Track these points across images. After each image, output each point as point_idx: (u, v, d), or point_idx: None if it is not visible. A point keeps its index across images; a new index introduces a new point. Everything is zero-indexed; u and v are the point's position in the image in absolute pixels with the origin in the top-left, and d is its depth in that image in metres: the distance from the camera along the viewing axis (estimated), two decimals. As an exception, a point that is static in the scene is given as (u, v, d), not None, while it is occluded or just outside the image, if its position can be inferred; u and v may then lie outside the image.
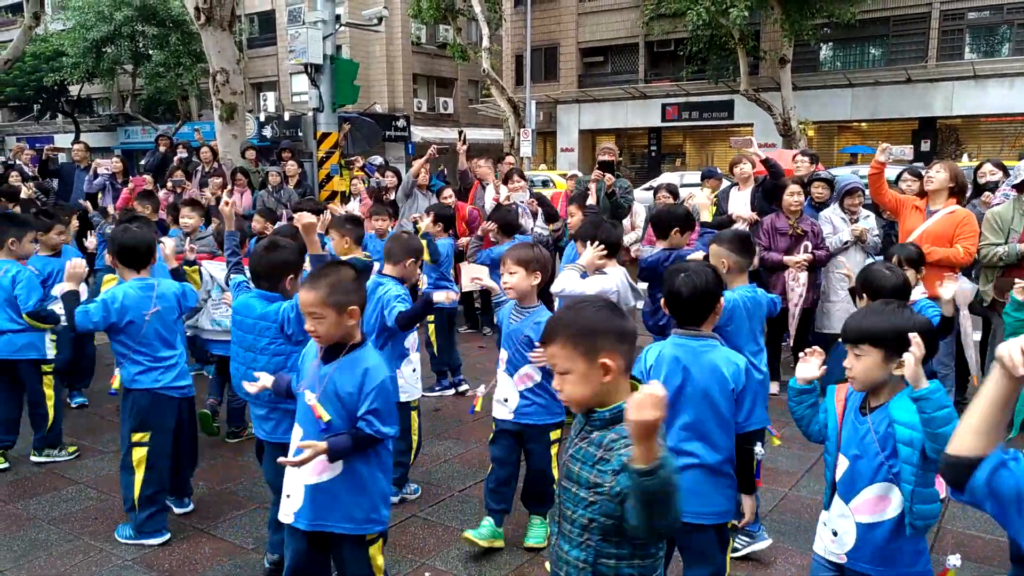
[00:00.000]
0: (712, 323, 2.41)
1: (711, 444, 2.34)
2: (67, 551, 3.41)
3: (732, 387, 2.30)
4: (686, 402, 2.34)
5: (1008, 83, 19.06)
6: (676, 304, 2.38)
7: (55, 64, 26.30)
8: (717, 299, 2.37)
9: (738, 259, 3.19)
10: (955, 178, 4.77)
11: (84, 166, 9.23)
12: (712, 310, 2.37)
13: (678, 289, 2.35)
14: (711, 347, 2.36)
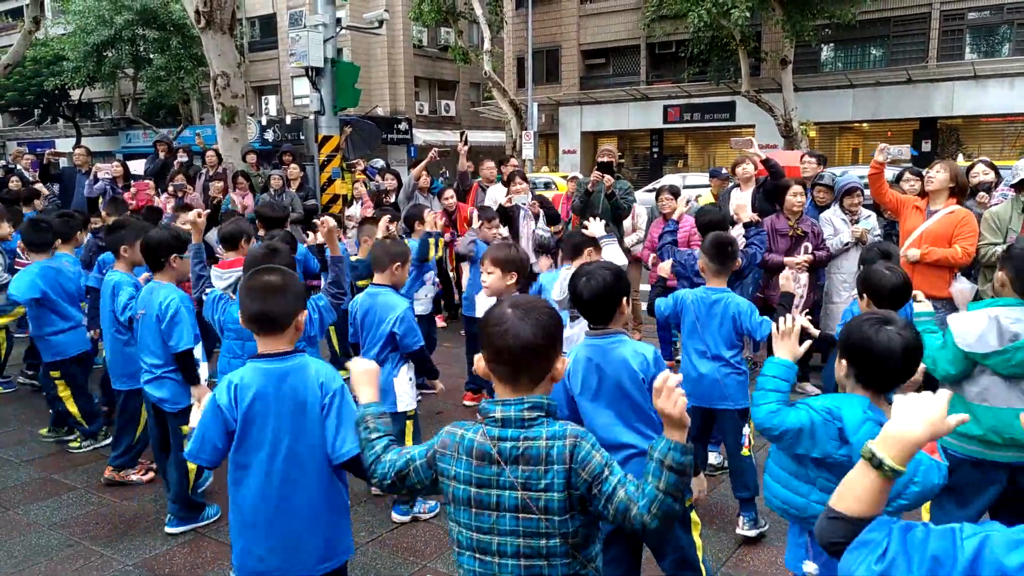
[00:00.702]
0: (619, 321, 2.45)
1: (641, 433, 2.40)
2: (67, 556, 3.41)
3: (641, 377, 2.35)
4: (607, 397, 2.41)
5: (1008, 83, 19.03)
6: (580, 306, 2.43)
7: (56, 68, 26.34)
8: (619, 298, 2.39)
9: (709, 263, 3.41)
10: (955, 178, 4.76)
11: (85, 170, 9.23)
12: (615, 309, 2.40)
13: (580, 291, 2.40)
14: (619, 342, 2.40)
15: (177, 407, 3.60)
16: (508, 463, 1.60)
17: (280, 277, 2.17)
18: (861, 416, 2.03)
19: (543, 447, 1.59)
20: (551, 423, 1.64)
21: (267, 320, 2.13)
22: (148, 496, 4.04)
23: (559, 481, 1.58)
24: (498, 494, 1.61)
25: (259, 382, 2.12)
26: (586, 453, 1.59)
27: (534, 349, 1.62)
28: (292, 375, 2.14)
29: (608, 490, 1.57)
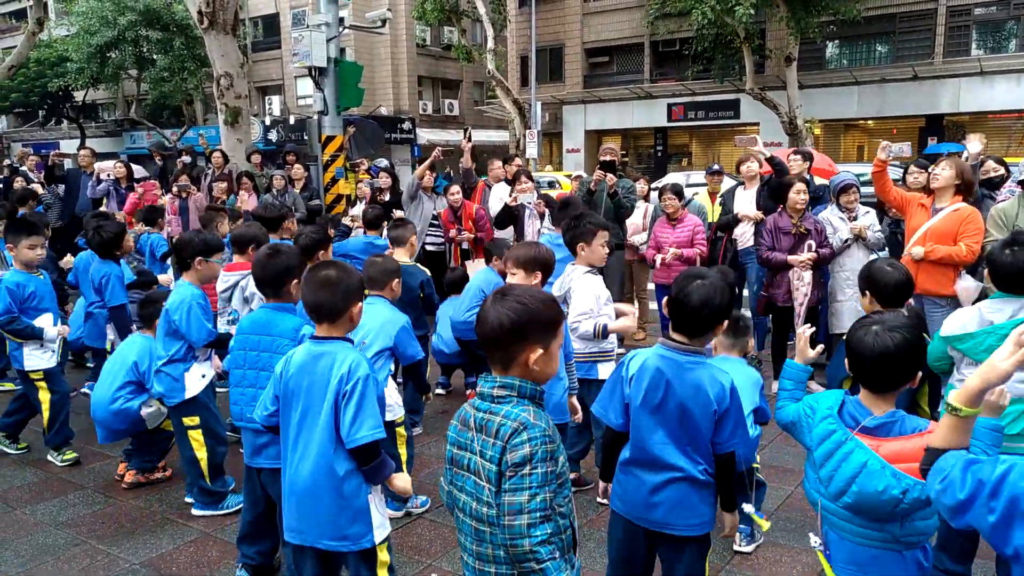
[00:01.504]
0: (707, 341, 2.34)
1: (691, 457, 2.28)
2: (74, 555, 3.42)
3: (715, 408, 2.21)
4: (667, 416, 2.27)
5: (1015, 79, 18.93)
6: (680, 310, 2.24)
7: (59, 70, 26.43)
8: (724, 317, 2.25)
9: (723, 338, 3.14)
10: (961, 175, 4.73)
11: (90, 172, 9.26)
12: (714, 328, 2.27)
13: (687, 295, 2.21)
14: (698, 363, 2.25)
15: (173, 400, 3.68)
16: (476, 431, 1.78)
17: (336, 273, 2.40)
18: (824, 412, 2.11)
19: (496, 423, 1.73)
20: (518, 404, 1.74)
21: (319, 309, 2.37)
22: (154, 495, 4.05)
23: (496, 455, 1.71)
24: (468, 457, 1.79)
25: (302, 359, 2.37)
26: (520, 441, 1.67)
27: (497, 336, 1.74)
28: (326, 357, 2.34)
29: (517, 485, 1.66)
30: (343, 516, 2.33)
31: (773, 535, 3.52)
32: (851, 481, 1.99)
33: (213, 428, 3.76)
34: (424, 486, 4.01)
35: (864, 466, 1.96)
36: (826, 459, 2.08)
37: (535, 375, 1.77)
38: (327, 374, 2.31)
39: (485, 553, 1.77)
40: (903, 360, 2.01)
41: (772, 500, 3.88)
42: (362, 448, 2.27)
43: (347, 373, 2.29)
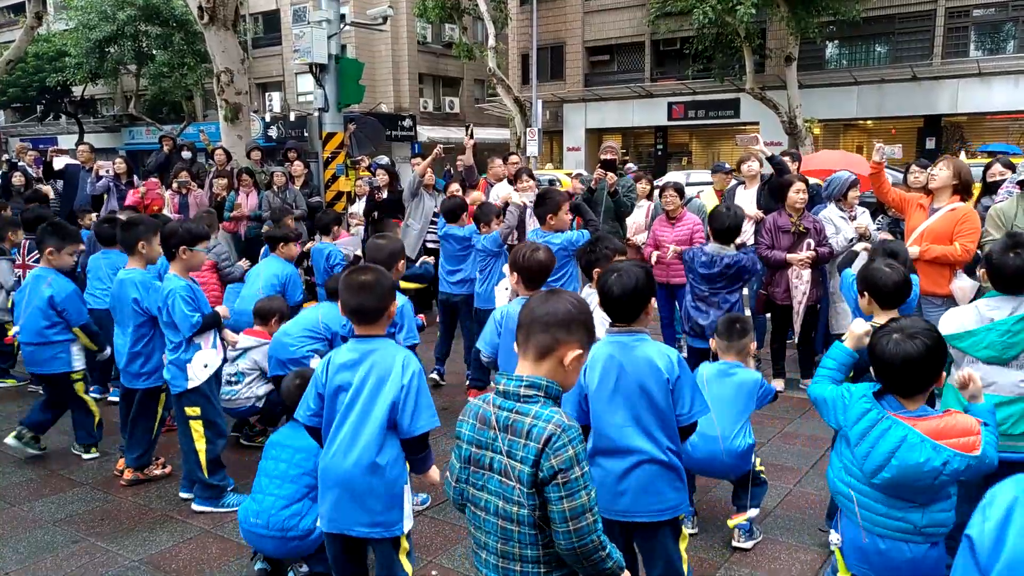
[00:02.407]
0: (644, 322, 2.46)
1: (654, 439, 2.36)
2: (73, 552, 3.42)
3: (667, 378, 2.33)
4: (623, 398, 2.36)
5: (1013, 80, 18.94)
6: (608, 302, 2.43)
7: (58, 64, 26.33)
8: (648, 298, 2.41)
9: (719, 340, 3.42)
10: (958, 175, 4.73)
11: (89, 167, 9.24)
12: (644, 308, 2.41)
13: (610, 287, 2.40)
14: (643, 340, 2.39)
15: (176, 389, 3.73)
16: (500, 430, 1.76)
17: (373, 276, 2.50)
18: (861, 392, 2.28)
19: (527, 423, 1.72)
20: (545, 404, 1.75)
21: (360, 312, 2.47)
22: (153, 492, 4.05)
23: (531, 457, 1.70)
24: (491, 456, 1.79)
25: (347, 358, 2.47)
26: (562, 444, 1.69)
27: (548, 322, 1.78)
28: (373, 355, 2.46)
29: (573, 488, 1.68)
30: (381, 503, 2.43)
31: (772, 532, 3.53)
32: (891, 455, 2.10)
33: (214, 420, 3.77)
34: (424, 484, 4.01)
35: (904, 440, 2.08)
36: (862, 436, 2.19)
37: (563, 376, 1.80)
38: (377, 371, 2.43)
39: (511, 552, 1.78)
40: (927, 364, 2.14)
41: (772, 498, 3.89)
42: (418, 438, 2.44)
43: (401, 369, 2.42)
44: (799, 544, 3.43)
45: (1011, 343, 2.74)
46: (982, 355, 2.77)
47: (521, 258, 3.27)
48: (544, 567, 1.75)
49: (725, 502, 3.72)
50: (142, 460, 4.13)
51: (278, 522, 2.98)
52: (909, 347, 2.12)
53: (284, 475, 3.05)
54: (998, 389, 2.75)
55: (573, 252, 4.57)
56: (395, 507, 2.46)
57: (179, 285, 3.66)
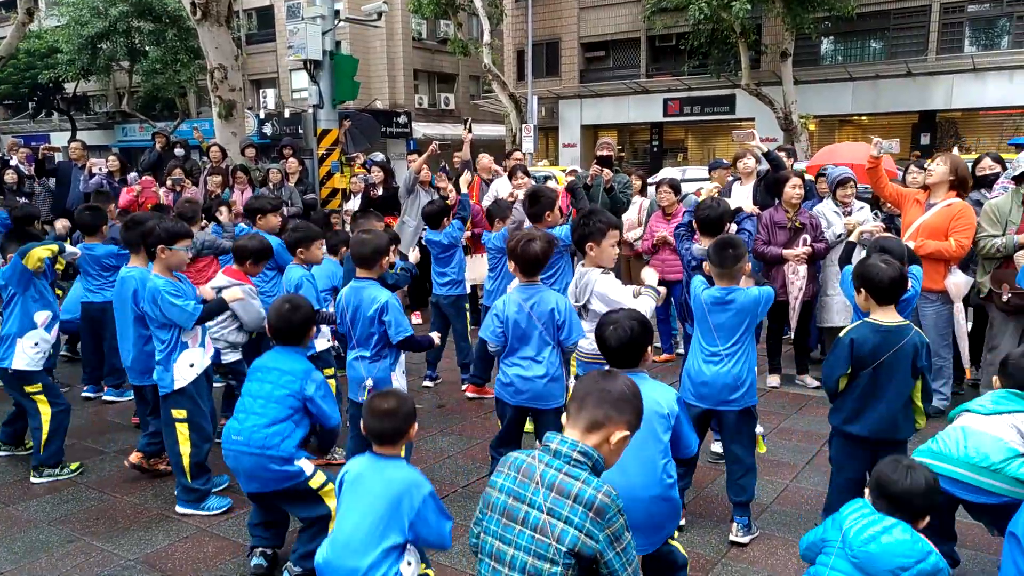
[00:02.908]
0: (645, 365, 2.56)
1: (657, 475, 2.45)
2: (68, 552, 3.40)
3: (667, 413, 2.46)
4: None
5: (1007, 76, 18.97)
6: (605, 352, 2.54)
7: (50, 61, 26.10)
8: (644, 347, 2.52)
9: (712, 266, 3.39)
10: (955, 171, 4.74)
11: (81, 164, 9.18)
12: (641, 356, 2.52)
13: (606, 339, 2.50)
14: (642, 380, 2.46)
15: (163, 390, 3.70)
16: (544, 487, 1.78)
17: (395, 402, 2.45)
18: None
19: (575, 486, 1.76)
20: (592, 475, 1.80)
21: (382, 437, 2.43)
22: (149, 491, 4.03)
23: (579, 521, 1.74)
24: (526, 511, 1.79)
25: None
26: (613, 515, 1.76)
27: (605, 399, 1.86)
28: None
29: (629, 551, 1.79)
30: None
31: (769, 528, 3.53)
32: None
33: (200, 424, 3.73)
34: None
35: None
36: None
37: (606, 453, 1.85)
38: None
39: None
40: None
41: (768, 494, 3.90)
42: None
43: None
44: (796, 539, 3.41)
45: (1000, 402, 2.84)
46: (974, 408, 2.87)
47: (517, 247, 3.29)
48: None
49: (721, 498, 3.72)
50: (152, 448, 4.11)
51: (260, 439, 2.94)
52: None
53: (269, 396, 3.01)
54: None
55: (565, 247, 4.58)
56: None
57: (161, 283, 3.61)
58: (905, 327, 2.99)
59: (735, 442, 3.40)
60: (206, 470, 3.80)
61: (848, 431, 3.10)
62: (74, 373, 6.01)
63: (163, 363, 3.67)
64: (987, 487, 2.68)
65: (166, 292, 3.58)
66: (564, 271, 4.78)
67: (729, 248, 3.30)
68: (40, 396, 4.13)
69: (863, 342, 2.97)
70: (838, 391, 3.10)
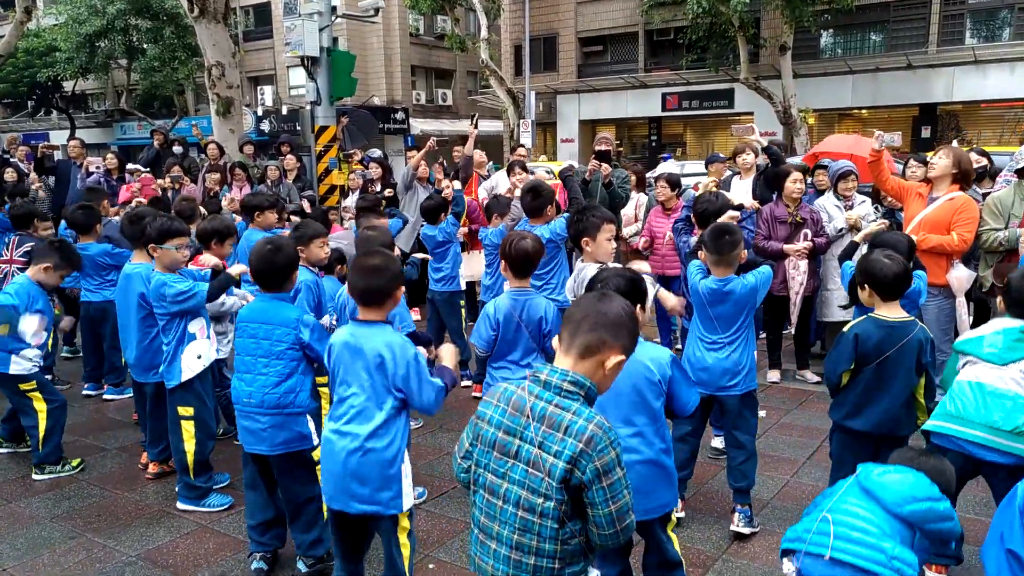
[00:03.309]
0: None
1: (646, 440, 2.41)
2: (70, 548, 3.41)
3: (658, 379, 2.39)
4: (615, 398, 2.38)
5: (1009, 68, 18.92)
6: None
7: (48, 59, 26.07)
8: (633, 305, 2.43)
9: (708, 255, 3.35)
10: (958, 164, 4.73)
11: (80, 163, 9.17)
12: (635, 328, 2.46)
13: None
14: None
15: (170, 383, 3.70)
16: (535, 419, 1.74)
17: (382, 259, 2.57)
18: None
19: (566, 418, 1.71)
20: (585, 405, 1.74)
21: (368, 294, 2.53)
22: (150, 487, 4.04)
23: (568, 453, 1.68)
24: (519, 445, 1.76)
25: (346, 340, 2.55)
26: (604, 447, 1.69)
27: (600, 322, 1.77)
28: (370, 340, 2.51)
29: (617, 489, 1.70)
30: (378, 481, 2.49)
31: (769, 523, 3.53)
32: None
33: (205, 421, 3.75)
34: (421, 477, 4.02)
35: None
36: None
37: (600, 379, 1.79)
38: (373, 353, 2.48)
39: (528, 544, 1.75)
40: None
41: (768, 489, 3.90)
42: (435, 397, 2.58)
43: (395, 356, 2.47)
44: (796, 533, 3.43)
45: (1014, 346, 2.78)
46: (985, 354, 2.81)
47: (509, 247, 3.28)
48: (559, 562, 1.74)
49: (721, 494, 3.73)
50: (166, 453, 4.09)
51: (274, 400, 2.97)
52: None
53: (268, 352, 2.99)
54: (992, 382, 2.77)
55: (562, 240, 4.57)
56: (390, 487, 2.52)
57: (164, 277, 3.62)
58: (910, 323, 2.98)
59: (737, 428, 3.41)
60: (209, 467, 3.81)
61: (850, 426, 3.10)
62: (75, 370, 6.02)
63: (171, 355, 3.67)
64: (1009, 450, 2.70)
65: (170, 280, 3.60)
66: (561, 265, 4.77)
67: (725, 235, 3.27)
68: (35, 393, 4.13)
69: (867, 337, 2.97)
70: (840, 386, 3.10)
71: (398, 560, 2.57)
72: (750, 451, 3.40)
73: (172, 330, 3.67)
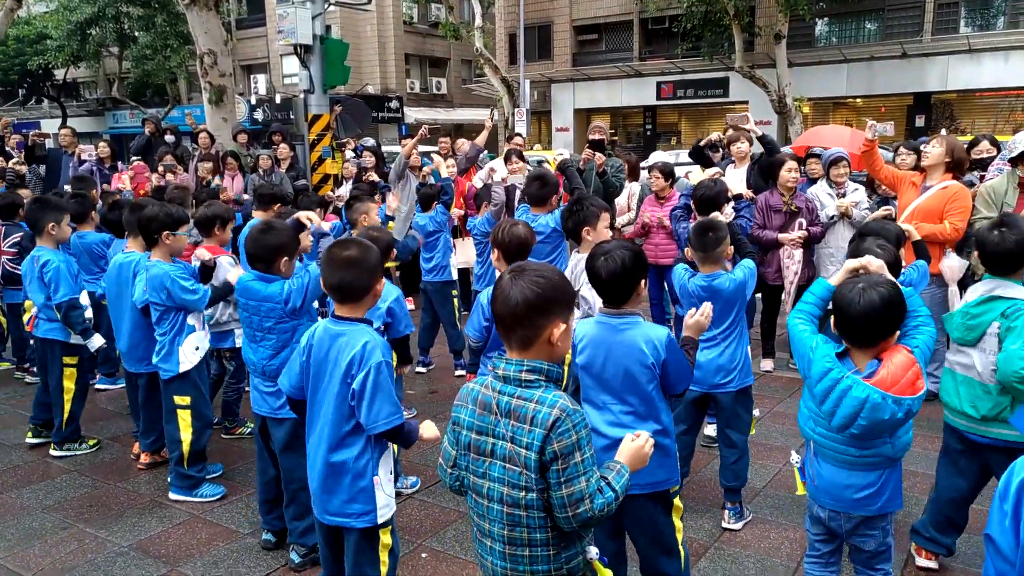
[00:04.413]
0: (636, 303, 2.43)
1: (639, 417, 2.38)
2: (62, 539, 3.40)
3: (651, 362, 2.33)
4: (609, 379, 2.38)
5: (1003, 57, 18.92)
6: (597, 285, 2.39)
7: (39, 47, 25.86)
8: (636, 280, 2.35)
9: (694, 251, 3.32)
10: (951, 152, 4.72)
11: (71, 151, 9.10)
12: (632, 290, 2.35)
13: (597, 270, 2.35)
14: (632, 324, 2.36)
15: (167, 374, 3.70)
16: (503, 415, 1.73)
17: (358, 251, 2.34)
18: (824, 351, 2.30)
19: (531, 409, 1.70)
20: (548, 389, 1.72)
21: (343, 290, 2.33)
22: (142, 478, 4.03)
23: (536, 443, 1.68)
24: (492, 442, 1.76)
25: (321, 338, 2.35)
26: (565, 429, 1.67)
27: (522, 313, 1.71)
28: (342, 339, 2.31)
29: (572, 474, 1.68)
30: (346, 493, 2.34)
31: (761, 511, 3.55)
32: (856, 416, 2.17)
33: (202, 411, 3.75)
34: (415, 466, 4.02)
35: (867, 401, 2.15)
36: (825, 395, 2.25)
37: (556, 352, 1.76)
38: (340, 357, 2.28)
39: (519, 537, 1.75)
40: (886, 314, 2.20)
41: (760, 477, 3.91)
42: (382, 433, 2.29)
43: (359, 359, 2.24)
44: (788, 523, 3.45)
45: (971, 325, 2.77)
46: (954, 336, 2.86)
47: (501, 234, 3.26)
48: (553, 548, 1.75)
49: (714, 483, 3.73)
50: (158, 443, 4.09)
51: (272, 370, 3.07)
52: (872, 295, 2.17)
53: (261, 327, 3.09)
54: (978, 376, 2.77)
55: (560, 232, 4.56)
56: (361, 499, 2.34)
57: (168, 268, 3.61)
58: None
59: (731, 426, 3.40)
60: (203, 457, 3.80)
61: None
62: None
63: (168, 347, 3.66)
64: (986, 434, 2.76)
65: (178, 277, 3.58)
66: (563, 255, 4.76)
67: (709, 232, 3.24)
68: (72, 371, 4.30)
69: None
70: None
71: (371, 575, 2.41)
72: (742, 450, 3.40)
73: (168, 321, 3.65)
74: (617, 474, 1.79)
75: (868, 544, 2.38)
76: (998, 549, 1.29)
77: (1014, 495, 1.27)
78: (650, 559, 2.52)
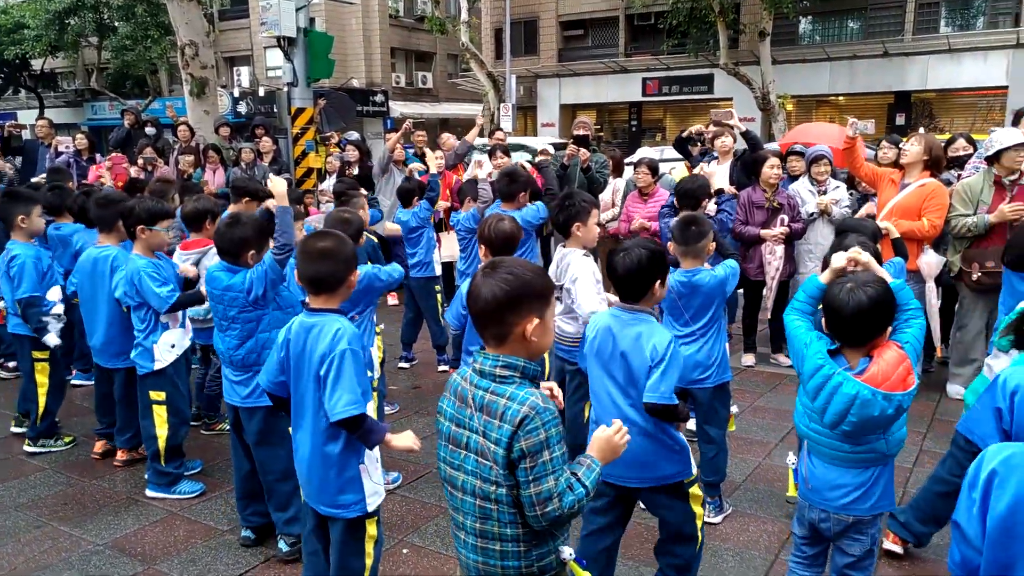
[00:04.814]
0: (651, 301, 2.46)
1: (640, 412, 2.43)
2: (35, 537, 3.35)
3: (649, 365, 2.37)
4: (614, 370, 2.45)
5: (982, 57, 19.15)
6: (614, 281, 2.46)
7: (16, 37, 25.32)
8: (652, 279, 2.38)
9: (676, 245, 3.31)
10: (929, 151, 4.77)
11: (48, 143, 8.94)
12: (647, 288, 2.41)
13: (615, 266, 2.42)
14: (641, 320, 2.41)
15: (142, 370, 3.66)
16: (476, 409, 1.73)
17: (332, 242, 2.35)
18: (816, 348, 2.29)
19: (501, 404, 1.69)
20: (522, 386, 1.71)
21: (317, 282, 2.34)
22: (118, 475, 3.98)
23: (504, 439, 1.67)
24: (467, 435, 1.76)
25: (296, 331, 2.36)
26: (534, 427, 1.65)
27: (493, 309, 1.70)
28: (314, 329, 2.33)
29: (540, 473, 1.66)
30: (334, 485, 2.35)
31: (741, 505, 3.57)
32: (846, 412, 2.17)
33: (178, 407, 3.71)
34: (396, 462, 4.00)
35: (856, 397, 2.14)
36: (817, 392, 2.25)
37: (533, 347, 1.74)
38: (315, 349, 2.30)
39: (490, 531, 1.75)
40: (875, 314, 2.18)
41: (740, 471, 3.94)
42: (341, 422, 2.26)
43: (328, 347, 2.26)
44: (767, 516, 3.48)
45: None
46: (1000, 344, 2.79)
47: (488, 229, 3.27)
48: (524, 545, 1.74)
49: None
50: (135, 440, 4.03)
51: (238, 359, 3.11)
52: (860, 295, 2.17)
53: (226, 316, 3.12)
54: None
55: (533, 228, 4.55)
56: (349, 490, 2.36)
57: (142, 263, 3.56)
58: None
59: (709, 422, 3.42)
60: (180, 454, 3.76)
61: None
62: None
63: (143, 343, 3.62)
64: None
65: (146, 273, 3.53)
66: (531, 251, 4.77)
67: (692, 226, 3.24)
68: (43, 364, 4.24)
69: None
70: None
71: (356, 566, 2.42)
72: (720, 445, 3.42)
73: (140, 316, 3.62)
74: (587, 469, 1.76)
75: (855, 548, 2.34)
76: (964, 535, 1.31)
77: (983, 484, 1.29)
78: (667, 543, 2.60)
